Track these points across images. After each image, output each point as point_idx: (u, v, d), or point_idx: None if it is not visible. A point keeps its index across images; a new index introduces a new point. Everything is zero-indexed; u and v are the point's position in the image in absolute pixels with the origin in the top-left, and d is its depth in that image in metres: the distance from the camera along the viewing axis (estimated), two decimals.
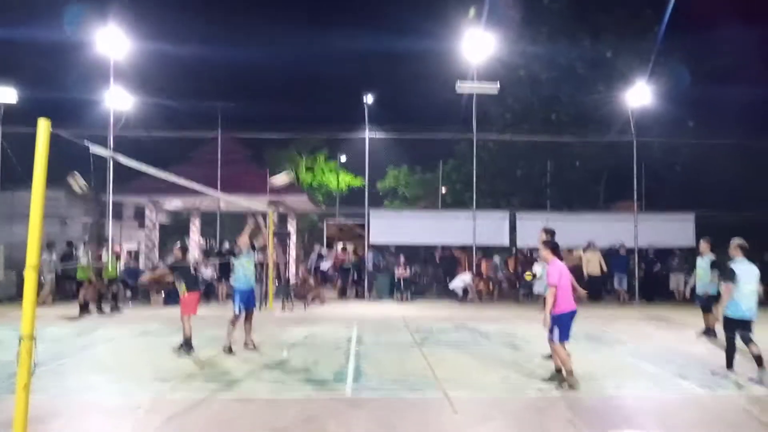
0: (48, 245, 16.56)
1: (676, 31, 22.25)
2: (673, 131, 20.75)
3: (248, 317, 9.63)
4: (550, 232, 8.63)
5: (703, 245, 10.96)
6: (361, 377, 7.70)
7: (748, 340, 7.63)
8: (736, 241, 7.90)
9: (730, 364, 7.83)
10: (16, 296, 16.43)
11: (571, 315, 7.13)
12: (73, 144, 5.03)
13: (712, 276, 10.40)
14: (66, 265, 16.69)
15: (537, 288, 15.41)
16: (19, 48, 23.80)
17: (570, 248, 21.72)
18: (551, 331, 7.10)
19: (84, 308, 14.22)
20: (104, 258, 15.04)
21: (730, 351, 7.86)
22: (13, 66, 21.91)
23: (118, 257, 16.20)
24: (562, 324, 7.06)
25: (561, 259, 7.44)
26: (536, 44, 22.42)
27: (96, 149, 5.37)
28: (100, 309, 14.52)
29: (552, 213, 19.95)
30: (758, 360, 7.47)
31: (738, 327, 7.67)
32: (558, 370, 7.39)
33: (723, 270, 7.83)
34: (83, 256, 14.78)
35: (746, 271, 7.64)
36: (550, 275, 7.15)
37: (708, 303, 10.65)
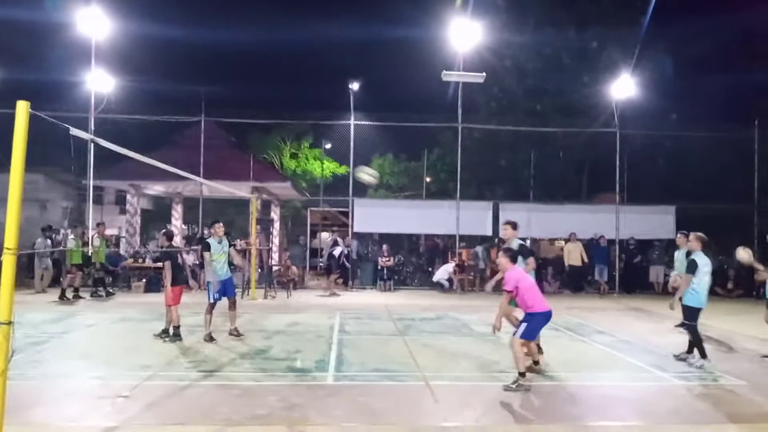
0: (43, 230, 16.28)
1: (661, 22, 22.45)
2: (655, 123, 20.91)
3: (231, 305, 9.56)
4: (512, 224, 8.47)
5: (680, 238, 11.14)
6: (343, 365, 7.72)
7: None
8: (695, 234, 8.25)
9: (703, 353, 7.96)
10: None
11: (546, 316, 6.86)
12: (53, 126, 4.94)
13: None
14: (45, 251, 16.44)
15: None
16: None
17: (551, 239, 21.94)
18: (518, 326, 6.89)
19: (75, 292, 14.14)
20: (96, 242, 14.83)
21: (699, 340, 8.05)
22: None
23: (108, 241, 15.96)
24: (533, 323, 6.78)
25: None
26: (522, 34, 22.43)
27: (76, 132, 5.28)
28: (77, 295, 14.39)
29: (535, 203, 20.05)
30: (691, 347, 8.14)
31: (697, 315, 7.97)
32: (536, 362, 7.36)
33: (689, 264, 8.05)
34: (74, 240, 14.57)
35: (705, 263, 7.97)
36: (507, 282, 6.88)
37: None
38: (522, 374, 6.69)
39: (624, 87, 18.80)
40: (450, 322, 11.84)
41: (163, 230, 10.09)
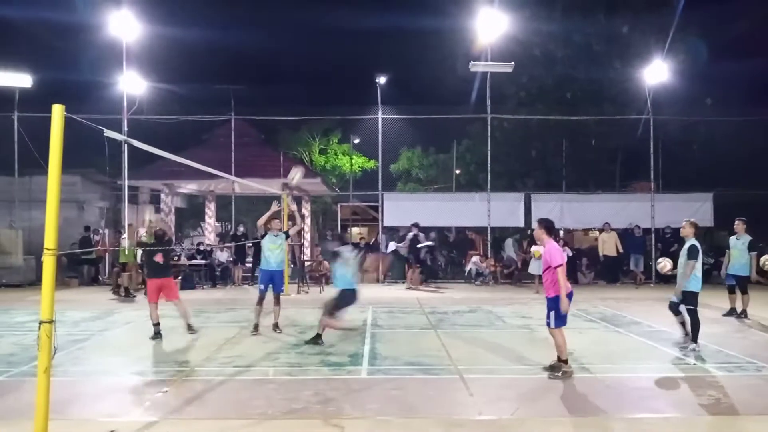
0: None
1: (694, 3, 21.76)
2: (690, 109, 20.39)
3: (275, 300, 9.61)
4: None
5: (739, 225, 10.98)
6: (376, 359, 7.74)
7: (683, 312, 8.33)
8: (688, 221, 8.57)
9: (696, 337, 8.09)
10: (36, 281, 16.65)
11: (569, 296, 6.68)
12: (88, 128, 5.04)
13: (751, 256, 10.71)
14: (74, 249, 16.80)
15: (532, 268, 15.39)
16: (32, 31, 23.92)
17: (585, 229, 21.62)
18: (548, 315, 6.79)
19: (126, 291, 14.40)
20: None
21: (699, 324, 8.16)
22: (27, 50, 22.02)
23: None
24: (558, 307, 6.67)
25: (557, 240, 7.36)
26: (551, 21, 22.03)
27: (110, 133, 5.38)
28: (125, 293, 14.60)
29: (567, 194, 19.78)
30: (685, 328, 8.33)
31: (698, 299, 8.21)
32: (559, 359, 7.17)
33: (690, 250, 8.24)
34: (126, 240, 14.85)
35: (701, 250, 8.31)
36: (554, 256, 6.66)
37: (743, 284, 10.74)
38: (565, 361, 6.71)
39: (657, 72, 18.40)
40: (483, 315, 11.77)
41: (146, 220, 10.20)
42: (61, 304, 4.67)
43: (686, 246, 8.28)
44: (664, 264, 8.88)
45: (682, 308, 8.25)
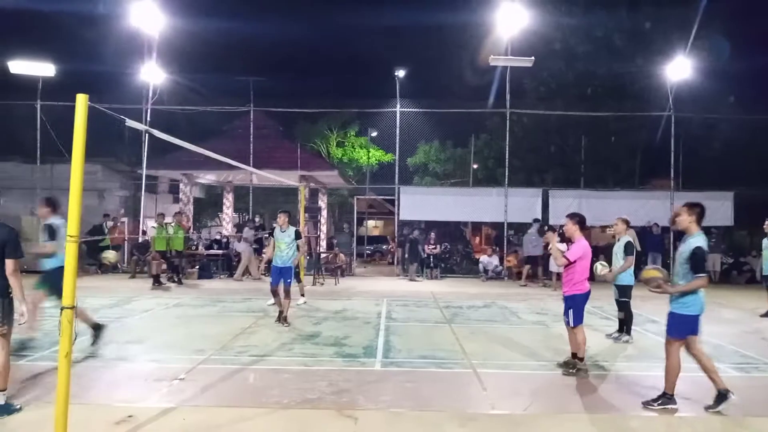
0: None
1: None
2: (712, 106, 20.11)
3: (285, 293, 9.69)
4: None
5: None
6: (390, 351, 7.78)
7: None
8: (620, 218, 9.08)
9: (629, 329, 8.54)
10: None
11: (586, 297, 6.77)
12: (109, 118, 5.09)
13: None
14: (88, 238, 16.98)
15: (552, 266, 15.25)
16: (55, 21, 24.20)
17: (603, 226, 21.43)
18: (566, 313, 6.81)
19: (156, 279, 14.53)
20: (170, 230, 15.17)
21: (632, 316, 8.75)
22: (50, 40, 22.29)
23: (185, 229, 16.28)
24: (576, 306, 6.70)
25: (588, 236, 7.29)
26: (572, 16, 21.82)
27: (132, 123, 5.43)
28: (161, 280, 14.72)
29: (585, 190, 19.63)
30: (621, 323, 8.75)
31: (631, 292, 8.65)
32: (574, 355, 7.00)
33: (627, 246, 8.67)
34: (155, 228, 15.00)
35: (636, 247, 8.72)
36: (573, 251, 6.73)
37: None
38: (581, 359, 6.70)
39: (679, 69, 18.18)
40: (498, 310, 11.75)
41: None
42: (80, 291, 4.74)
43: (622, 242, 8.68)
44: (601, 270, 8.73)
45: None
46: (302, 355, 7.49)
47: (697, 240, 5.49)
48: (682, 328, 5.48)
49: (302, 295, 12.03)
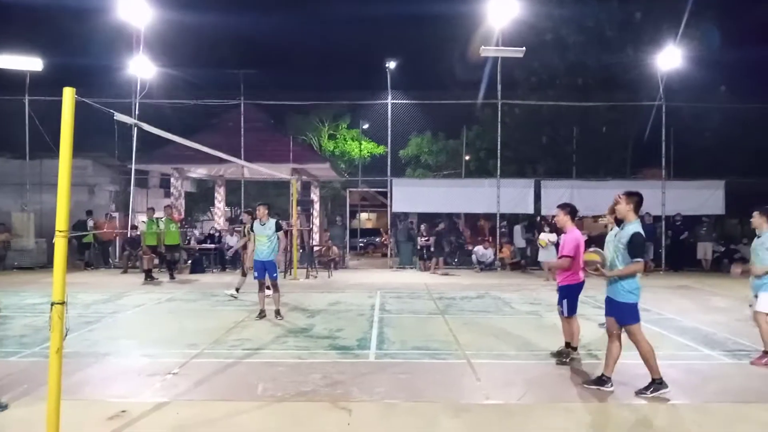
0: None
1: None
2: (703, 96, 20.17)
3: (273, 288, 9.64)
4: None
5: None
6: (384, 343, 7.78)
7: None
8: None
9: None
10: (47, 264, 16.79)
11: (580, 287, 6.80)
12: (97, 111, 5.04)
13: None
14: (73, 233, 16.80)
15: (542, 256, 15.34)
16: (42, 15, 23.93)
17: (595, 216, 21.50)
18: (560, 303, 6.84)
19: (148, 274, 14.41)
20: (161, 225, 15.02)
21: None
22: (38, 34, 22.04)
23: (178, 224, 16.13)
24: (571, 296, 6.75)
25: (581, 226, 7.28)
26: (563, 6, 21.80)
27: (120, 117, 5.38)
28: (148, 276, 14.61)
29: (577, 180, 19.67)
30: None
31: None
32: (567, 345, 7.01)
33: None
34: (153, 222, 14.85)
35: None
36: (566, 246, 6.74)
37: None
38: (574, 348, 6.76)
39: (669, 58, 18.21)
40: (491, 301, 11.78)
41: None
42: (71, 287, 4.70)
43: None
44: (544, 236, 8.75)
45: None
46: (296, 348, 7.48)
47: (635, 226, 5.69)
48: (635, 314, 5.63)
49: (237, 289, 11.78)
